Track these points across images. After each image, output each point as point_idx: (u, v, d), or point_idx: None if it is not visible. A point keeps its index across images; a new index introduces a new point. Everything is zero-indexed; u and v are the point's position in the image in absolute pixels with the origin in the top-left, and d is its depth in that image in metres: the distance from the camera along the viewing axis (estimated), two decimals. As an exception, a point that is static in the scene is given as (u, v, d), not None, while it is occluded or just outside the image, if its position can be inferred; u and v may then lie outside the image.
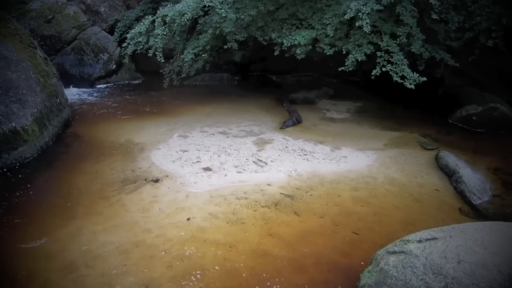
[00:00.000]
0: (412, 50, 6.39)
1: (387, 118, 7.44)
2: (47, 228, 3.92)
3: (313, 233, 3.91)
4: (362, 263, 3.32)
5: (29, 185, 4.80)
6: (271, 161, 5.46)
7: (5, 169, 5.09)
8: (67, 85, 8.75)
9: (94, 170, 5.21)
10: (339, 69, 6.78)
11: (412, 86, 5.87)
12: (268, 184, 4.82)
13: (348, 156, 5.67)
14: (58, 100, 6.61)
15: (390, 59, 6.22)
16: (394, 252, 2.92)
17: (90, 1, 11.54)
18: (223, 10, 6.87)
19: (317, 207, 4.37)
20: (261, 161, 5.46)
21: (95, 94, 9.37)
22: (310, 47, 7.09)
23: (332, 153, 5.76)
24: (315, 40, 7.12)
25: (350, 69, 6.63)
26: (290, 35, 7.24)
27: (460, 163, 5.11)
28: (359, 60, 6.53)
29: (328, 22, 6.82)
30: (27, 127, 5.49)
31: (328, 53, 6.89)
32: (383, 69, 6.25)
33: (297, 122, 7.11)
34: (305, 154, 5.70)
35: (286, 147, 5.98)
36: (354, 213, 4.25)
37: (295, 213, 4.23)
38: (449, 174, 5.04)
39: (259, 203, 4.38)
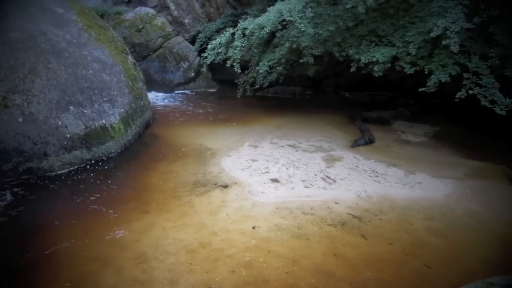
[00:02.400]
0: (506, 73, 5.89)
1: (469, 145, 6.89)
2: (123, 219, 4.22)
3: (380, 259, 3.72)
4: (433, 299, 3.10)
5: (111, 178, 5.25)
6: (340, 179, 5.33)
7: (93, 161, 5.65)
8: (149, 89, 9.41)
9: (169, 170, 5.51)
10: (419, 89, 6.49)
11: (503, 112, 5.42)
12: (336, 203, 4.71)
13: (423, 182, 5.34)
14: (142, 102, 7.13)
15: (478, 81, 5.82)
16: (475, 294, 2.68)
17: (177, 13, 12.34)
18: (302, 25, 6.96)
19: (386, 232, 4.17)
20: (329, 178, 5.36)
21: (173, 99, 9.96)
22: (389, 65, 6.88)
23: (406, 178, 5.47)
24: (395, 58, 6.90)
25: (431, 90, 6.32)
26: (368, 51, 7.11)
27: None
28: (442, 81, 6.20)
29: (410, 40, 6.60)
30: (114, 125, 6.01)
31: (408, 72, 6.64)
32: (469, 92, 5.86)
33: (370, 141, 6.88)
34: (376, 176, 5.49)
35: (357, 166, 5.81)
36: (427, 244, 3.98)
37: (362, 236, 4.07)
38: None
39: (325, 221, 4.29)
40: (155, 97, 10.05)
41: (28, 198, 4.63)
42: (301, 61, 7.83)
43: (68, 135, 5.43)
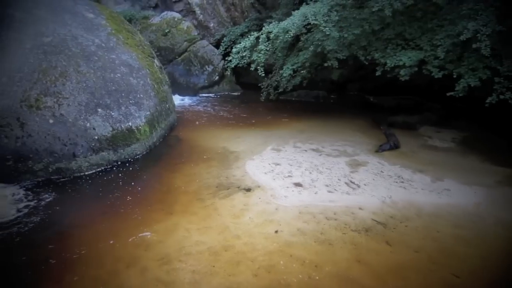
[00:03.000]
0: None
1: (500, 152, 6.63)
2: (148, 220, 4.29)
3: (406, 267, 3.63)
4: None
5: (136, 179, 5.36)
6: (364, 185, 5.25)
7: (119, 163, 5.79)
8: (174, 92, 9.57)
9: (192, 173, 5.57)
10: (447, 94, 6.34)
11: (537, 119, 5.20)
12: (360, 208, 4.63)
13: (451, 189, 5.19)
14: (167, 105, 7.25)
15: (510, 86, 5.61)
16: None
17: (202, 17, 12.49)
18: (327, 28, 6.92)
19: (412, 239, 4.07)
20: (353, 183, 5.28)
21: (198, 102, 10.08)
22: (416, 69, 6.75)
23: (433, 184, 5.33)
24: (422, 62, 6.76)
25: (460, 95, 6.15)
26: (395, 55, 7.00)
27: None
28: (472, 85, 6.02)
29: (439, 43, 6.46)
30: (140, 127, 6.13)
31: (436, 76, 6.49)
32: (501, 97, 5.66)
33: (395, 146, 6.74)
34: (402, 182, 5.37)
35: (381, 171, 5.71)
36: (455, 252, 3.85)
37: (387, 243, 3.99)
38: None
39: (349, 227, 4.23)
40: (180, 100, 10.21)
41: (57, 198, 4.79)
42: (326, 64, 7.77)
43: (96, 137, 5.58)
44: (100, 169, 5.60)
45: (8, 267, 3.52)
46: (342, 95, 11.17)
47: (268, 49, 8.22)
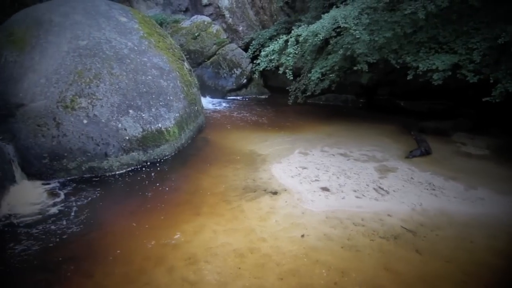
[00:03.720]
0: None
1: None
2: (176, 220, 4.36)
3: (436, 277, 3.52)
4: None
5: (165, 180, 5.47)
6: (394, 191, 5.13)
7: (148, 163, 5.92)
8: (203, 95, 9.70)
9: (219, 174, 5.62)
10: (483, 99, 6.10)
11: None
12: (389, 215, 4.53)
13: (486, 199, 4.98)
14: (196, 107, 7.36)
15: (551, 92, 5.36)
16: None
17: (231, 21, 12.62)
18: (357, 32, 6.83)
19: (443, 249, 3.93)
20: (382, 189, 5.18)
21: (225, 105, 10.17)
22: (450, 73, 6.54)
23: (466, 193, 5.14)
24: (456, 66, 6.55)
25: (497, 101, 5.92)
26: (427, 59, 6.82)
27: None
28: (510, 90, 5.77)
29: (474, 46, 6.25)
30: (169, 128, 6.25)
31: (471, 81, 6.27)
32: (541, 103, 5.41)
33: (426, 153, 6.55)
34: (433, 189, 5.21)
35: (412, 178, 5.56)
36: (490, 265, 3.69)
37: (417, 251, 3.88)
38: None
39: (377, 233, 4.15)
40: (208, 103, 10.34)
41: (88, 196, 4.95)
42: (355, 68, 7.66)
43: (127, 137, 5.73)
44: (130, 168, 5.75)
45: (43, 261, 3.66)
46: (371, 99, 10.97)
47: (297, 52, 8.19)
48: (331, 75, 8.28)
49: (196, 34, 11.71)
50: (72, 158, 5.40)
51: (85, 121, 5.51)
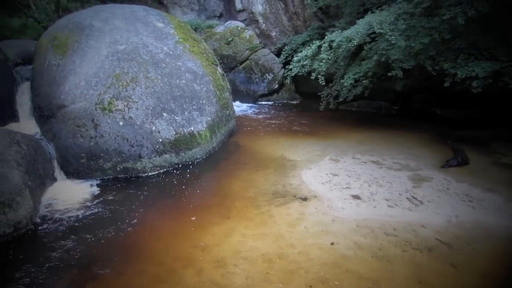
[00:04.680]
0: None
1: None
2: (206, 223, 4.41)
3: (473, 293, 3.38)
4: None
5: (196, 182, 5.57)
6: (428, 201, 4.97)
7: (180, 165, 6.05)
8: (235, 99, 9.81)
9: (250, 179, 5.65)
10: (527, 108, 5.82)
11: None
12: (422, 226, 4.39)
13: (527, 212, 4.75)
14: (228, 112, 7.45)
15: None
16: None
17: (264, 26, 12.70)
18: (393, 37, 6.71)
19: (480, 263, 3.77)
20: (416, 198, 5.03)
21: (257, 110, 10.23)
22: (490, 80, 6.29)
23: (506, 205, 4.90)
24: (498, 73, 6.29)
25: (542, 110, 5.63)
26: (466, 66, 6.59)
27: None
28: (556, 100, 5.48)
29: (518, 53, 5.97)
30: (201, 132, 6.36)
31: (514, 89, 6.00)
32: None
33: (463, 163, 6.30)
34: (470, 201, 5.01)
35: (447, 188, 5.37)
36: (530, 282, 3.52)
37: (452, 265, 3.73)
38: None
39: (409, 244, 4.03)
40: (240, 107, 10.43)
41: (122, 195, 5.11)
42: (389, 74, 7.51)
43: (160, 140, 5.87)
44: (162, 170, 5.88)
45: (78, 258, 3.80)
46: (405, 106, 10.69)
47: (329, 58, 8.13)
48: (364, 81, 8.16)
49: (229, 39, 11.86)
50: (108, 158, 5.59)
51: (121, 123, 5.70)
